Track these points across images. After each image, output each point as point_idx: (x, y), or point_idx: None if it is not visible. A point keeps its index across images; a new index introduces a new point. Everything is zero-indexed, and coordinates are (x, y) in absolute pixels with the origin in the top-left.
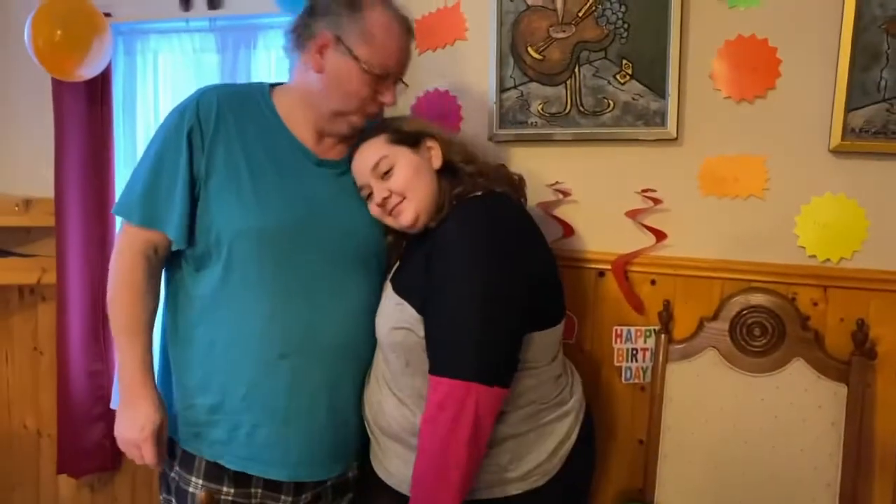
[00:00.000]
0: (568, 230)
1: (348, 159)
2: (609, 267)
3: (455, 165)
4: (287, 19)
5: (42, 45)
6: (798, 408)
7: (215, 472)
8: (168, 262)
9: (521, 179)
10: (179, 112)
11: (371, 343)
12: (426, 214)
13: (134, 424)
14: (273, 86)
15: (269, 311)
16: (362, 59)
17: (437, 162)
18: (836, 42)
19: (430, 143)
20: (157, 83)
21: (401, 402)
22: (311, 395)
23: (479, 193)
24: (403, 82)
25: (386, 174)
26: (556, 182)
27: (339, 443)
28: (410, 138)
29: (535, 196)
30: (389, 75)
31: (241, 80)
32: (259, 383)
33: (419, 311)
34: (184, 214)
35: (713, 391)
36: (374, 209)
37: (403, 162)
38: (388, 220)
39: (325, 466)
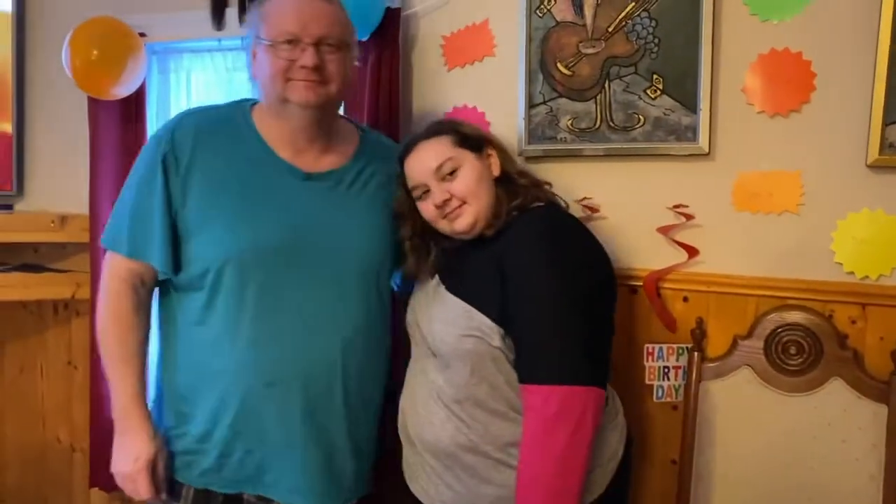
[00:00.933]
0: None
1: (337, 171)
2: (640, 283)
3: (511, 176)
4: None
5: (79, 65)
6: (837, 429)
7: (202, 499)
8: (160, 289)
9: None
10: (156, 140)
11: (365, 362)
12: (483, 221)
13: (128, 456)
14: (255, 104)
15: (255, 339)
16: (266, 38)
17: (496, 170)
18: (873, 55)
19: (490, 150)
20: (190, 101)
21: (453, 415)
22: (303, 420)
23: (542, 204)
24: (330, 45)
25: (450, 175)
26: (586, 198)
27: (335, 470)
28: (474, 143)
29: None
30: (298, 40)
31: None
32: (247, 411)
33: (496, 320)
34: (166, 244)
35: (748, 411)
36: (429, 210)
37: (468, 166)
38: (442, 224)
39: (318, 495)
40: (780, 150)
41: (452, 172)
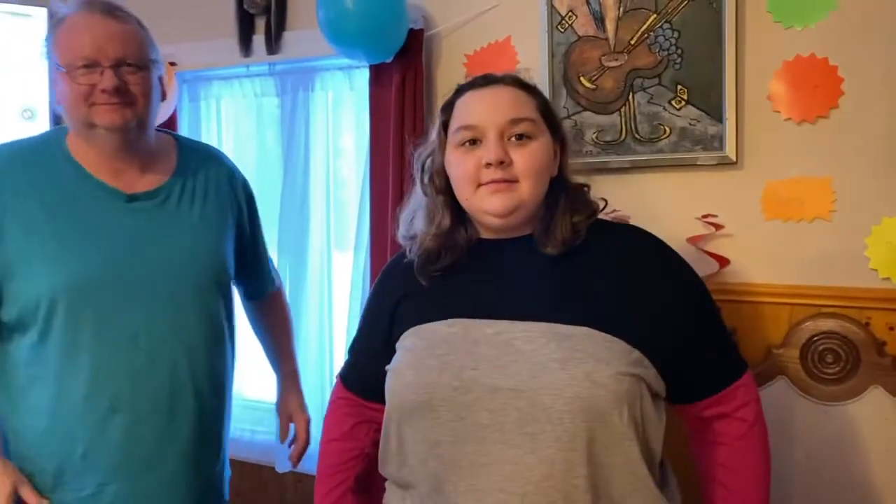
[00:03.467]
0: None
1: (163, 188)
2: None
3: (566, 182)
4: (343, 61)
5: None
6: (879, 438)
7: None
8: None
9: None
10: None
11: (215, 376)
12: (523, 213)
13: None
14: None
15: (93, 368)
16: (62, 65)
17: (555, 169)
18: None
19: (560, 144)
20: (221, 127)
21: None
22: (156, 444)
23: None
24: (130, 64)
25: (518, 139)
26: (614, 210)
27: (203, 487)
28: (556, 126)
29: None
30: (96, 64)
31: (300, 120)
32: (94, 441)
33: (639, 345)
34: None
35: (785, 421)
36: (467, 164)
37: (543, 143)
38: (469, 191)
39: None
40: (809, 157)
41: (523, 138)
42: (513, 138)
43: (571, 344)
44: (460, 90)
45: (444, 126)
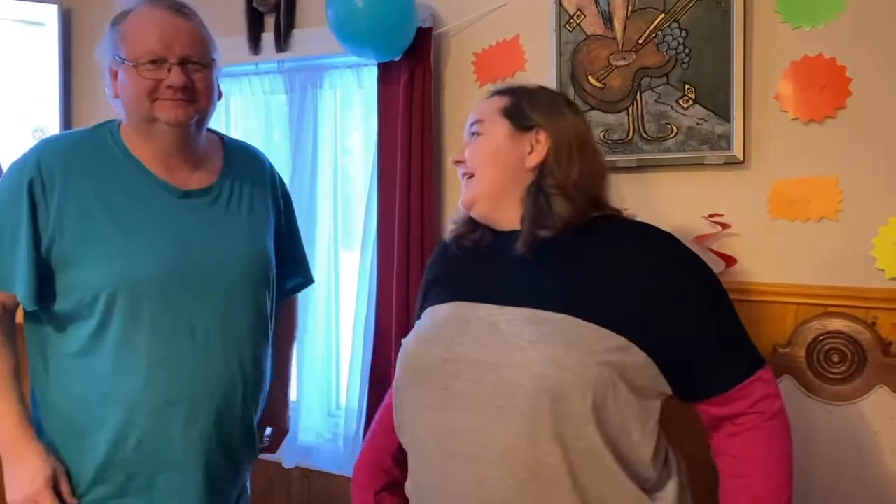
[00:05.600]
0: None
1: (213, 187)
2: None
3: (549, 175)
4: (352, 59)
5: None
6: (884, 438)
7: None
8: (26, 324)
9: None
10: (17, 168)
11: (258, 371)
12: (485, 205)
13: (23, 480)
14: (120, 123)
15: (151, 362)
16: (128, 59)
17: (531, 160)
18: None
19: (540, 135)
20: (230, 124)
21: (602, 493)
22: (208, 437)
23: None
24: (195, 62)
25: (473, 136)
26: (622, 209)
27: (242, 481)
28: (523, 118)
29: None
30: (163, 60)
31: (309, 118)
32: (150, 431)
33: (626, 333)
34: (31, 275)
35: (791, 420)
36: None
37: (489, 137)
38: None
39: None
40: (817, 157)
41: (474, 136)
42: (472, 136)
43: (546, 328)
44: None
45: None
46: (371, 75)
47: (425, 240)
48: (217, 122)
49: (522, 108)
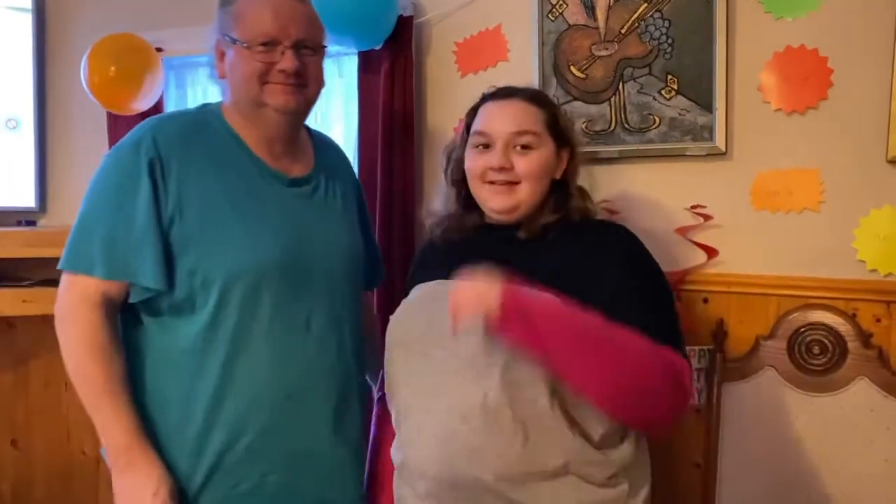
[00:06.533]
0: None
1: (311, 176)
2: None
3: (568, 186)
4: (332, 47)
5: (98, 82)
6: (864, 429)
7: None
8: (122, 319)
9: None
10: (132, 147)
11: (362, 363)
12: (523, 211)
13: (145, 491)
14: (220, 105)
15: (271, 353)
16: (240, 39)
17: (559, 173)
18: (891, 49)
19: (566, 153)
20: None
21: (562, 443)
22: (317, 432)
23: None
24: (308, 47)
25: (522, 148)
26: (604, 200)
27: (360, 478)
28: (561, 136)
29: None
30: (277, 43)
31: None
32: (269, 428)
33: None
34: (159, 258)
35: (772, 412)
36: (477, 164)
37: (544, 152)
38: (477, 185)
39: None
40: (799, 148)
41: (526, 147)
42: (518, 147)
43: None
44: (484, 98)
45: (468, 127)
46: (351, 64)
47: (407, 231)
48: None
49: (560, 125)
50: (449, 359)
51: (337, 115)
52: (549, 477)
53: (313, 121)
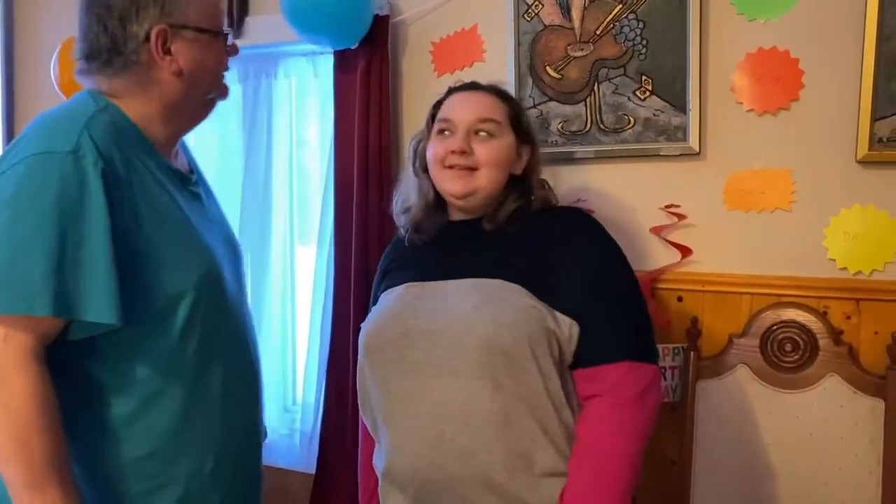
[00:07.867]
0: None
1: (192, 169)
2: None
3: (528, 181)
4: (307, 46)
5: (68, 80)
6: (834, 425)
7: None
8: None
9: None
10: (68, 155)
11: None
12: (480, 199)
13: None
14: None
15: (227, 368)
16: (210, 28)
17: (519, 168)
18: (860, 52)
19: (528, 151)
20: None
21: (546, 433)
22: (257, 444)
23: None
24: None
25: (484, 135)
26: (579, 199)
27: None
28: (524, 133)
29: None
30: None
31: (263, 108)
32: (225, 450)
33: (545, 300)
34: (114, 286)
35: (746, 408)
36: (439, 149)
37: (504, 142)
38: (438, 170)
39: None
40: (771, 148)
41: (487, 134)
42: (480, 133)
43: (486, 291)
44: (450, 91)
45: (432, 118)
46: (327, 64)
47: (384, 233)
48: None
49: (523, 123)
50: (425, 360)
51: (313, 115)
52: (539, 469)
53: (287, 121)
